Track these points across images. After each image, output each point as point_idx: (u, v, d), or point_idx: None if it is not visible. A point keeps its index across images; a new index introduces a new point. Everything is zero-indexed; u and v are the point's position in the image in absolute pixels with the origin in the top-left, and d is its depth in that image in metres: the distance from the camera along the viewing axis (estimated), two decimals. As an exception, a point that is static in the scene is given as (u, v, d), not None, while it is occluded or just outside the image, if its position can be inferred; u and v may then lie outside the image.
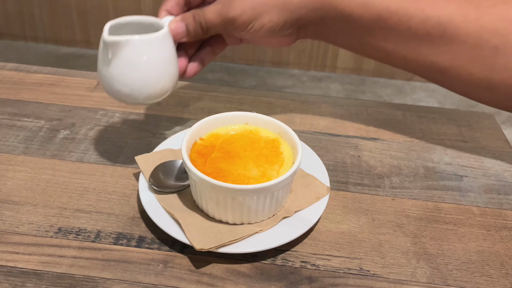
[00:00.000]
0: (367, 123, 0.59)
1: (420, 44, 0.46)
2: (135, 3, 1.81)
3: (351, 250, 0.42)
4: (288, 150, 0.45)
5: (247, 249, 0.39)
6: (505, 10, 0.44)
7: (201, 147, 0.45)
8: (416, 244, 0.43)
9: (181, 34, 0.46)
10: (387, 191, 0.49)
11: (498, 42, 0.43)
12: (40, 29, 1.94)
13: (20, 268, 0.39)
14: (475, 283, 0.40)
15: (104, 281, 0.38)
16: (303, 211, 0.43)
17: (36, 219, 0.43)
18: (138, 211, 0.44)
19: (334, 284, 0.39)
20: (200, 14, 0.45)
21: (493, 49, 0.44)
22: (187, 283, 0.38)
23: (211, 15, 0.45)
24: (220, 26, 0.46)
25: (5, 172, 0.48)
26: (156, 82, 0.43)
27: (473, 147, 0.56)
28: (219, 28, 0.46)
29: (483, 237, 0.44)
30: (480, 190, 0.49)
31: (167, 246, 0.41)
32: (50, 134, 0.54)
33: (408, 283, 0.39)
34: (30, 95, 0.60)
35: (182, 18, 0.46)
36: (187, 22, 0.46)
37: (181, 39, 0.46)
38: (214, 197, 0.40)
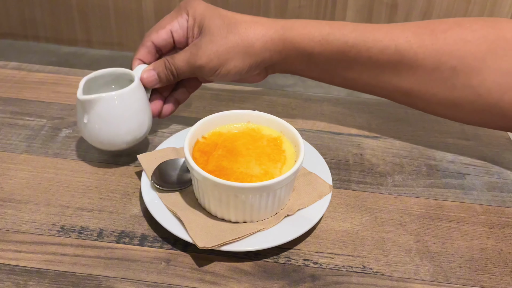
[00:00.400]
0: (369, 121, 0.59)
1: (382, 71, 0.48)
2: (136, 3, 1.81)
3: (354, 248, 0.42)
4: (290, 148, 0.45)
5: (249, 247, 0.39)
6: (458, 33, 0.46)
7: (203, 146, 0.44)
8: (419, 242, 0.43)
9: (153, 82, 0.49)
10: (389, 189, 0.49)
11: (455, 63, 0.45)
12: (41, 29, 1.94)
13: (22, 266, 0.39)
14: (478, 281, 0.40)
15: (107, 279, 0.38)
16: (305, 209, 0.43)
17: (38, 218, 0.43)
18: (140, 209, 0.44)
19: (337, 282, 0.39)
20: (171, 61, 0.48)
21: (451, 70, 0.46)
22: (190, 281, 0.38)
23: (180, 63, 0.48)
24: (189, 72, 0.49)
25: (7, 171, 0.48)
26: (128, 132, 0.46)
27: (476, 145, 0.56)
28: (189, 74, 0.49)
29: (486, 235, 0.44)
30: (483, 188, 0.49)
31: (170, 244, 0.41)
32: (52, 132, 0.54)
33: (411, 281, 0.39)
34: (32, 94, 0.60)
35: (154, 66, 0.49)
36: (159, 70, 0.49)
37: (153, 86, 0.49)
38: (217, 195, 0.40)
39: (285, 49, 0.48)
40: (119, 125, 0.46)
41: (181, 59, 0.48)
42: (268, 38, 0.47)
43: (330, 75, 0.51)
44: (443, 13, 1.41)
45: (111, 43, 1.92)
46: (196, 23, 0.49)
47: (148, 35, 0.50)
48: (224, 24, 0.47)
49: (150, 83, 0.49)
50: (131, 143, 0.47)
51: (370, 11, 1.42)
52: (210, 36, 0.47)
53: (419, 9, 1.41)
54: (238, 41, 0.47)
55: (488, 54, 0.45)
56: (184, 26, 0.49)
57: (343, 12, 1.44)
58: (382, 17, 1.43)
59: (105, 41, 1.92)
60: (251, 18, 0.48)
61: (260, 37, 0.47)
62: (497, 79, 0.45)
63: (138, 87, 0.47)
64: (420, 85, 0.48)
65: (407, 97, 0.50)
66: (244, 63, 0.48)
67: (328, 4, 1.43)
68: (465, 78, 0.46)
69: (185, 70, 0.48)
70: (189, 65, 0.48)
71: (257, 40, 0.47)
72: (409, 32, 0.47)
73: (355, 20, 1.44)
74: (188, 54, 0.48)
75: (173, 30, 0.50)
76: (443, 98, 0.48)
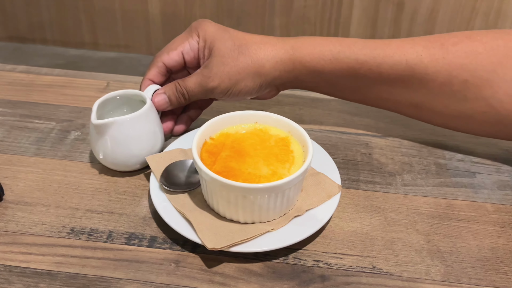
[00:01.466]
0: (377, 120, 0.59)
1: (393, 86, 0.49)
2: (142, 5, 1.81)
3: (364, 248, 0.42)
4: (298, 148, 0.45)
5: (258, 248, 0.39)
6: (469, 46, 0.46)
7: (211, 147, 0.44)
8: (429, 242, 0.42)
9: (164, 105, 0.50)
10: (399, 188, 0.48)
11: (467, 76, 0.46)
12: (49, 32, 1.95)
13: (33, 268, 0.39)
14: (490, 280, 0.39)
15: (117, 281, 0.38)
16: (314, 209, 0.43)
17: (48, 220, 0.43)
18: (149, 211, 0.45)
19: (347, 282, 0.39)
20: (182, 84, 0.49)
21: (463, 83, 0.46)
22: (199, 282, 0.38)
23: (192, 85, 0.49)
24: (201, 94, 0.49)
25: (17, 174, 0.48)
26: (142, 153, 0.47)
27: (486, 143, 0.55)
28: (200, 96, 0.50)
29: (497, 234, 0.43)
30: (494, 187, 0.49)
31: (179, 245, 0.41)
32: (61, 135, 0.54)
33: (422, 281, 0.39)
34: (40, 97, 0.60)
35: (165, 90, 0.50)
36: (169, 93, 0.49)
37: (165, 109, 0.50)
38: (225, 196, 0.40)
39: (295, 68, 0.49)
40: (132, 147, 0.46)
41: (193, 82, 0.49)
42: (278, 59, 0.48)
43: (340, 91, 0.52)
44: (450, 11, 1.40)
45: (117, 45, 1.93)
46: (207, 45, 0.49)
47: (159, 56, 0.51)
48: (235, 46, 0.48)
49: (161, 107, 0.50)
50: (144, 164, 0.48)
51: (376, 9, 1.41)
52: (221, 58, 0.48)
53: (426, 7, 1.40)
54: (248, 62, 0.48)
55: (499, 66, 0.45)
56: (195, 48, 0.50)
57: (349, 11, 1.43)
58: (388, 15, 1.42)
59: (112, 43, 1.93)
60: (261, 39, 0.49)
61: (271, 58, 0.48)
62: (509, 91, 0.45)
63: (150, 109, 0.47)
64: (431, 98, 0.48)
65: (418, 111, 0.50)
66: (254, 83, 0.49)
67: (334, 3, 1.42)
68: (476, 90, 0.46)
69: (197, 92, 0.49)
70: (201, 87, 0.48)
71: (267, 61, 0.48)
72: (419, 47, 0.47)
73: (361, 18, 1.43)
74: (200, 76, 0.48)
75: (184, 52, 0.50)
76: (454, 110, 0.48)
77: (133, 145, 0.46)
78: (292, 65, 0.48)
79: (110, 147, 0.46)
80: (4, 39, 1.97)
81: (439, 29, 1.42)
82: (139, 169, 0.49)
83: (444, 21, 1.41)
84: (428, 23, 1.42)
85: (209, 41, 0.49)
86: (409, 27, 1.43)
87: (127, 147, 0.46)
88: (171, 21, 1.86)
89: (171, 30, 1.88)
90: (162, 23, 1.90)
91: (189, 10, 1.81)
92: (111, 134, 0.45)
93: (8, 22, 1.95)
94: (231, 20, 1.81)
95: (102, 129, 0.45)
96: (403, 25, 1.43)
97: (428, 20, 1.41)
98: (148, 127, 0.47)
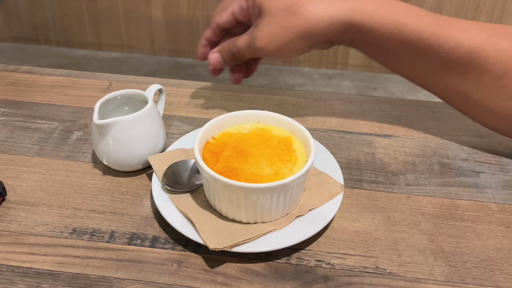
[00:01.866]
0: (380, 120, 0.58)
1: (447, 70, 0.47)
2: (145, 6, 1.81)
3: (367, 248, 0.41)
4: (301, 148, 0.44)
5: (261, 248, 0.39)
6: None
7: (213, 146, 0.44)
8: (433, 242, 0.42)
9: (218, 64, 0.52)
10: (402, 188, 0.48)
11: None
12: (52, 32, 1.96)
13: (36, 269, 0.39)
14: (494, 281, 0.39)
15: (119, 281, 0.38)
16: (317, 209, 0.43)
17: (51, 220, 0.43)
18: (151, 211, 0.44)
19: (350, 283, 0.38)
20: (233, 44, 0.50)
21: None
22: (202, 282, 0.38)
23: (241, 45, 0.49)
24: (250, 54, 0.50)
25: (20, 174, 0.48)
26: (144, 153, 0.47)
27: (490, 142, 0.55)
28: (251, 55, 0.50)
29: (502, 234, 0.43)
30: (498, 186, 0.48)
31: (181, 246, 0.41)
32: (64, 135, 0.54)
33: (426, 282, 0.39)
34: (43, 97, 0.60)
35: (219, 49, 0.52)
36: (222, 52, 0.51)
37: (219, 67, 0.53)
38: (227, 196, 0.40)
39: (351, 32, 0.47)
40: (134, 146, 0.46)
41: (242, 42, 0.49)
42: (335, 19, 0.46)
43: (390, 61, 0.50)
44: (454, 8, 1.39)
45: (121, 46, 1.93)
46: (256, 3, 0.48)
47: (213, 17, 0.52)
48: (285, 5, 0.46)
49: (215, 65, 0.52)
50: (147, 164, 0.48)
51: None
52: (269, 18, 0.47)
53: (429, 6, 1.39)
54: (300, 22, 0.46)
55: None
56: (244, 7, 0.50)
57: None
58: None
59: (115, 44, 1.93)
60: None
61: (325, 18, 0.46)
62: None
63: (152, 109, 0.47)
64: (482, 90, 0.46)
65: (466, 101, 0.48)
66: (306, 44, 0.47)
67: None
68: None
69: (247, 52, 0.49)
70: (250, 47, 0.49)
71: (321, 21, 0.46)
72: (485, 33, 0.45)
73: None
74: (249, 37, 0.49)
75: (235, 12, 0.51)
76: (501, 107, 0.46)
77: (135, 145, 0.46)
78: (349, 28, 0.46)
79: (112, 147, 0.46)
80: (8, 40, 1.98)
81: (443, 28, 1.42)
82: (141, 169, 0.49)
83: (448, 20, 1.41)
84: (431, 22, 1.41)
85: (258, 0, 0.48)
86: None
87: (129, 147, 0.46)
88: (174, 22, 1.86)
89: (173, 31, 1.88)
90: (165, 24, 1.90)
91: (191, 11, 1.81)
92: (113, 134, 0.45)
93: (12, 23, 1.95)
94: (234, 20, 1.81)
95: (104, 129, 0.45)
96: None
97: (431, 19, 1.41)
98: (150, 126, 0.47)
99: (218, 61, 0.52)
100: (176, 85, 0.64)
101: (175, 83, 0.64)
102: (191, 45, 1.89)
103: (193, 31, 1.86)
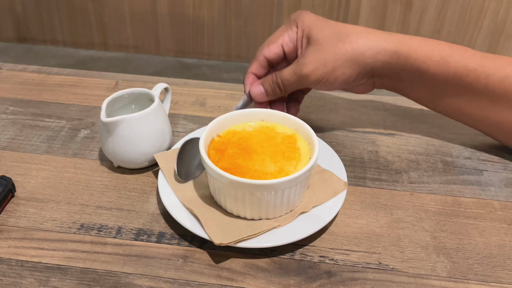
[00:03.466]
0: (384, 118, 0.59)
1: (495, 102, 0.46)
2: (151, 6, 1.83)
3: (370, 244, 0.42)
4: (305, 146, 0.45)
5: (265, 244, 0.40)
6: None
7: (218, 144, 0.45)
8: (435, 239, 0.42)
9: (260, 96, 0.51)
10: (405, 186, 0.48)
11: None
12: (59, 33, 1.98)
13: (45, 263, 0.40)
14: (496, 277, 0.39)
15: (126, 275, 0.39)
16: (321, 206, 0.43)
17: (59, 216, 0.44)
18: (157, 207, 0.45)
19: (353, 278, 0.39)
20: (278, 75, 0.49)
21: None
22: (207, 277, 0.39)
23: (287, 75, 0.49)
24: (295, 83, 0.49)
25: (29, 171, 0.49)
26: (150, 151, 0.48)
27: (493, 141, 0.55)
28: (295, 85, 0.49)
29: (504, 231, 0.43)
30: (501, 184, 0.49)
31: (187, 241, 0.42)
32: (72, 133, 0.55)
33: (428, 278, 0.39)
34: (51, 96, 0.61)
35: (262, 81, 0.51)
36: (265, 84, 0.50)
37: (261, 100, 0.51)
38: (233, 192, 0.40)
39: (398, 63, 0.47)
40: (141, 144, 0.47)
41: (288, 71, 0.49)
42: (381, 48, 0.46)
43: (436, 99, 0.50)
44: (459, 10, 1.39)
45: (127, 46, 1.95)
46: (305, 34, 0.49)
47: (261, 50, 0.51)
48: (334, 34, 0.47)
49: (257, 97, 0.50)
50: (153, 161, 0.49)
51: (384, 8, 1.41)
52: (317, 46, 0.47)
53: (434, 6, 1.39)
54: (347, 49, 0.46)
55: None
56: (293, 39, 0.50)
57: (357, 11, 1.43)
58: (396, 14, 1.41)
59: (121, 44, 1.95)
60: (364, 29, 0.47)
61: (373, 46, 0.46)
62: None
63: (158, 107, 0.48)
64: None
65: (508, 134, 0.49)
66: (352, 71, 0.47)
67: (342, 3, 1.42)
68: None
69: (292, 81, 0.49)
70: (296, 75, 0.48)
71: (368, 49, 0.46)
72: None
73: (369, 18, 1.43)
74: (295, 65, 0.48)
75: (284, 44, 0.51)
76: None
77: (142, 143, 0.47)
78: (396, 58, 0.46)
79: (119, 144, 0.47)
80: (16, 40, 2.00)
81: (447, 29, 1.42)
82: (148, 167, 0.50)
83: (453, 21, 1.41)
84: (436, 22, 1.41)
85: (307, 31, 0.48)
86: (417, 26, 1.43)
87: (136, 145, 0.47)
88: (180, 22, 1.87)
89: (179, 31, 1.89)
90: (171, 24, 1.91)
91: (197, 11, 1.82)
92: (120, 131, 0.46)
93: (19, 23, 1.97)
94: (239, 20, 1.82)
95: (111, 127, 0.46)
96: (412, 24, 1.42)
97: (436, 19, 1.41)
98: (157, 124, 0.48)
99: (261, 93, 0.50)
100: (181, 84, 0.65)
101: (180, 82, 0.65)
102: (197, 45, 1.90)
103: (199, 32, 1.87)
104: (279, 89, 0.50)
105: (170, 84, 0.63)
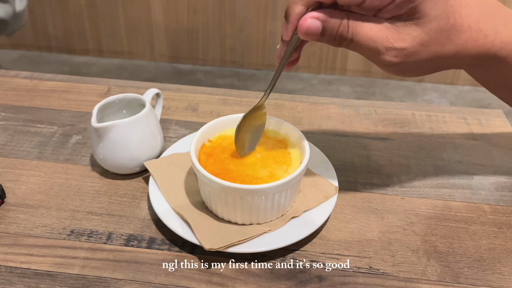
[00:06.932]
0: (376, 123, 0.59)
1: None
2: (145, 12, 1.83)
3: (361, 249, 0.42)
4: (295, 150, 0.45)
5: (256, 248, 0.40)
6: None
7: (209, 149, 0.45)
8: (426, 243, 0.43)
9: (311, 35, 0.36)
10: (396, 190, 0.49)
11: None
12: (53, 39, 1.97)
13: (34, 269, 0.39)
14: (486, 280, 0.39)
15: (116, 281, 0.39)
16: (311, 210, 0.43)
17: (49, 222, 0.44)
18: (148, 213, 0.45)
19: (344, 282, 0.39)
20: (353, 26, 0.35)
21: None
22: (197, 282, 0.39)
23: (365, 36, 0.35)
24: (367, 54, 0.36)
25: (19, 177, 0.49)
26: (141, 156, 0.48)
27: (484, 145, 0.55)
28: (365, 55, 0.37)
29: (494, 234, 0.44)
30: (491, 188, 0.49)
31: (177, 246, 0.42)
32: (63, 139, 0.55)
33: (419, 281, 0.39)
34: (43, 102, 0.61)
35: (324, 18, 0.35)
36: (327, 25, 0.36)
37: (308, 38, 0.36)
38: (223, 197, 0.40)
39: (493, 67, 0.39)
40: (132, 149, 0.47)
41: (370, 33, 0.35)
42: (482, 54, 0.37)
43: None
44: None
45: (121, 52, 1.95)
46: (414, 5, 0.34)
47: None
48: (447, 25, 0.35)
49: (306, 32, 0.36)
50: (144, 167, 0.49)
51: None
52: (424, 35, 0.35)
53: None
54: (451, 53, 0.36)
55: None
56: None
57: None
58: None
59: (116, 50, 1.95)
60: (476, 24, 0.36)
61: (475, 53, 0.37)
62: None
63: (149, 112, 0.48)
64: None
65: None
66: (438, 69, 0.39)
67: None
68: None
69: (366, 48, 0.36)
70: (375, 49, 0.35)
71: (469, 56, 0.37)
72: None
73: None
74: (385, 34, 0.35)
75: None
76: None
77: (133, 148, 0.47)
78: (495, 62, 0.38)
79: (110, 150, 0.46)
80: (10, 47, 2.00)
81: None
82: (139, 172, 0.49)
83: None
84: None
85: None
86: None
87: (127, 150, 0.47)
88: (174, 28, 1.87)
89: (174, 37, 1.90)
90: (165, 30, 1.91)
91: (191, 17, 1.82)
92: (111, 137, 0.46)
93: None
94: (233, 26, 1.83)
95: (102, 132, 0.46)
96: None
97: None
98: (148, 130, 0.48)
99: (313, 32, 0.35)
100: (174, 89, 0.65)
101: (173, 87, 0.65)
102: (191, 51, 1.90)
103: (193, 38, 1.88)
104: (339, 42, 0.36)
105: (162, 89, 0.63)
